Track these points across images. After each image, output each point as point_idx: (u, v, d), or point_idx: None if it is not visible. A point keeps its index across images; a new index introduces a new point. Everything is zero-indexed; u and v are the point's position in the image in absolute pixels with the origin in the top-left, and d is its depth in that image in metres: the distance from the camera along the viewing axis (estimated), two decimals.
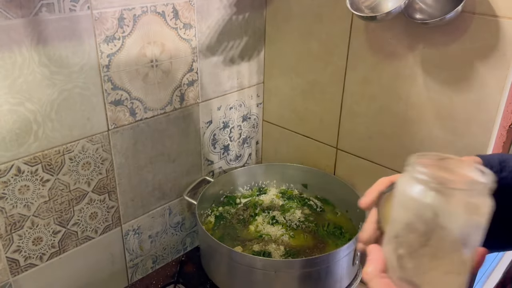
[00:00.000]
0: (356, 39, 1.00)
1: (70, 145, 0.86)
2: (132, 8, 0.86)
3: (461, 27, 0.82)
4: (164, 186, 1.08)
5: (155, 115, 0.98)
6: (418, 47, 0.90)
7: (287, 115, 1.24)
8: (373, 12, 0.83)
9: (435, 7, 0.83)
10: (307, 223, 1.10)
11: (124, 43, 0.87)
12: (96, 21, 0.82)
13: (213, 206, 1.16)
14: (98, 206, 0.95)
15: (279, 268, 0.90)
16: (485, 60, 0.82)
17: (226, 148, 1.22)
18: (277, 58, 1.18)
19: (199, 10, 0.98)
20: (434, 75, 0.90)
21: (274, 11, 1.14)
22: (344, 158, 1.13)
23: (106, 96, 0.88)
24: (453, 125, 0.90)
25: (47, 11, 0.75)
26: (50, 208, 0.87)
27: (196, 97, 1.06)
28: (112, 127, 0.91)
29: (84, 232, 0.95)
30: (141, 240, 1.08)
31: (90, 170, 0.91)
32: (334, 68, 1.06)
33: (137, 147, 0.97)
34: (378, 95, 1.00)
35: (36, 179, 0.83)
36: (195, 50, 1.01)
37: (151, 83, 0.95)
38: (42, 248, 0.88)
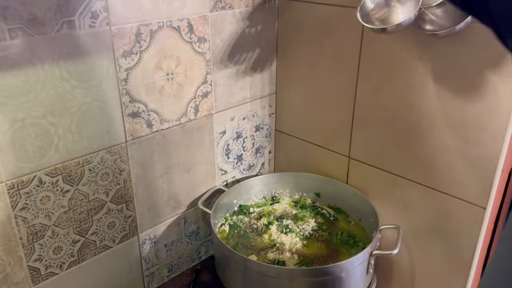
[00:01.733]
0: (367, 50, 1.01)
1: (90, 157, 0.88)
2: (149, 24, 0.89)
3: (471, 37, 0.84)
4: (179, 196, 1.10)
5: (171, 126, 1.01)
6: (428, 58, 0.91)
7: (299, 124, 1.25)
8: (384, 24, 0.85)
9: (445, 18, 0.84)
10: (320, 231, 1.11)
11: (141, 58, 0.90)
12: (115, 37, 0.85)
13: (227, 215, 1.17)
14: (116, 216, 0.97)
15: (294, 276, 0.91)
16: (495, 69, 0.83)
17: (240, 157, 1.23)
18: (289, 69, 1.20)
19: (213, 24, 1.00)
20: (445, 84, 0.91)
21: (285, 23, 1.16)
22: (356, 167, 1.14)
23: (124, 108, 0.90)
24: (465, 134, 0.90)
25: (68, 28, 0.78)
26: (69, 218, 0.89)
27: (210, 108, 1.08)
28: (129, 139, 0.94)
29: (102, 241, 0.97)
30: (157, 249, 1.10)
31: (108, 181, 0.93)
32: (345, 79, 1.08)
33: (153, 157, 1.00)
34: (390, 105, 1.01)
35: (56, 189, 0.85)
36: (209, 63, 1.03)
37: (167, 95, 0.97)
38: (62, 257, 0.91)
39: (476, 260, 0.97)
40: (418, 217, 1.04)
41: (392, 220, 1.07)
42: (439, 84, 0.91)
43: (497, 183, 0.90)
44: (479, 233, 0.94)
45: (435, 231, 1.02)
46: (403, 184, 1.04)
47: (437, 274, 1.05)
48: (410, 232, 1.06)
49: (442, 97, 0.92)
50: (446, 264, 1.02)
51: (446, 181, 0.96)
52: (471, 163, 0.91)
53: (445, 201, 0.97)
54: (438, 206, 0.99)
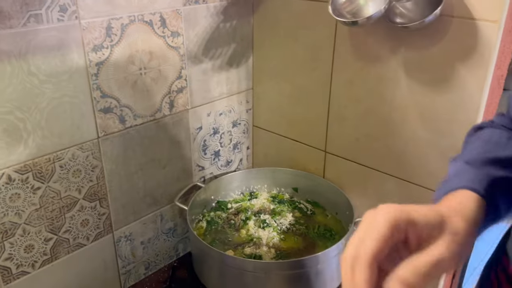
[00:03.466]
0: (341, 44, 1.02)
1: (60, 153, 0.87)
2: (120, 18, 0.88)
3: (440, 30, 0.85)
4: (155, 193, 1.09)
5: (145, 122, 1.00)
6: (400, 51, 0.92)
7: (276, 120, 1.25)
8: (355, 17, 0.86)
9: (415, 11, 0.85)
10: (297, 225, 1.12)
11: (112, 52, 0.89)
12: (84, 31, 0.84)
13: (204, 211, 1.17)
14: (89, 213, 0.96)
15: (270, 270, 0.91)
16: (464, 62, 0.84)
17: (217, 153, 1.23)
18: (265, 64, 1.20)
19: (186, 18, 1.00)
20: (416, 77, 0.92)
21: (261, 18, 1.16)
22: (332, 161, 1.14)
23: (95, 104, 0.89)
24: (436, 125, 0.92)
25: (35, 21, 0.77)
26: (41, 215, 0.88)
27: (186, 103, 1.08)
28: (101, 135, 0.92)
29: (76, 239, 0.95)
30: (133, 246, 1.08)
31: (80, 178, 0.92)
32: (320, 73, 1.08)
33: (127, 154, 0.99)
34: (364, 98, 1.02)
35: (27, 187, 0.84)
36: (183, 58, 1.03)
37: (140, 90, 0.96)
38: (34, 256, 0.89)
39: None
40: None
41: None
42: (411, 76, 0.92)
43: None
44: None
45: None
46: (377, 177, 1.05)
47: None
48: None
49: (414, 89, 0.93)
50: None
51: (419, 173, 0.97)
52: (443, 154, 0.93)
53: (419, 193, 0.99)
54: (412, 197, 1.00)
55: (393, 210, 0.40)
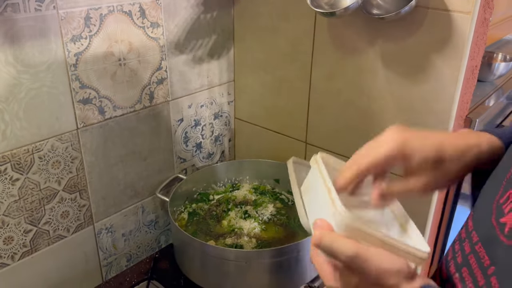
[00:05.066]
0: (320, 35, 1.03)
1: (39, 144, 0.86)
2: (99, 8, 0.88)
3: (416, 21, 0.86)
4: (136, 185, 1.09)
5: (125, 113, 1.00)
6: (377, 42, 0.94)
7: (258, 112, 1.26)
8: (332, 8, 0.87)
9: (391, 2, 0.86)
10: (278, 216, 1.13)
11: (91, 42, 0.88)
12: (62, 21, 0.83)
13: (186, 203, 1.17)
14: (69, 205, 0.96)
15: (250, 258, 0.93)
16: (439, 52, 0.86)
17: (199, 145, 1.23)
18: (246, 56, 1.21)
19: (166, 9, 1.00)
20: (393, 68, 0.93)
21: (241, 9, 1.16)
22: (313, 151, 1.15)
23: (74, 94, 0.89)
24: (413, 116, 0.93)
25: (12, 11, 0.76)
26: (20, 207, 0.87)
27: (166, 95, 1.08)
28: (81, 126, 0.92)
29: (56, 231, 0.95)
30: (115, 238, 1.08)
31: (60, 169, 0.91)
32: (300, 64, 1.09)
33: (107, 145, 0.98)
34: (343, 90, 1.04)
35: (5, 178, 0.83)
36: (163, 49, 1.03)
37: (120, 81, 0.96)
38: (14, 248, 0.89)
39: (427, 239, 1.01)
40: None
41: None
42: (388, 68, 0.94)
43: None
44: (428, 213, 0.98)
45: None
46: None
47: None
48: None
49: (391, 80, 0.94)
50: None
51: None
52: None
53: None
54: None
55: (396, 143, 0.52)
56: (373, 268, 0.46)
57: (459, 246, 0.50)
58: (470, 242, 0.48)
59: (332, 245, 0.47)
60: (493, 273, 0.43)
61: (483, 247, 0.46)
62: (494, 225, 0.45)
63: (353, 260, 0.46)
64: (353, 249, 0.46)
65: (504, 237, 0.43)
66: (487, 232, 0.46)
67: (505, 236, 0.43)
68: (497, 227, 0.44)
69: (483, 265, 0.45)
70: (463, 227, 0.52)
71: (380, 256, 0.47)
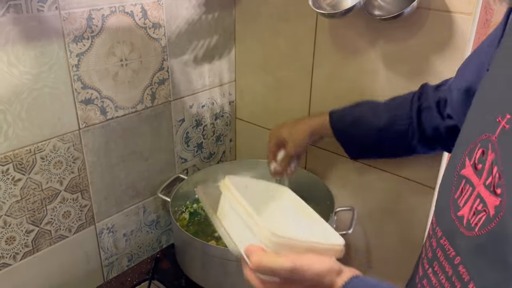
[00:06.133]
0: (321, 36, 1.03)
1: (41, 144, 0.87)
2: (101, 9, 0.88)
3: (417, 22, 0.87)
4: (138, 185, 1.09)
5: (127, 113, 1.00)
6: (379, 43, 0.94)
7: (259, 112, 1.26)
8: (334, 9, 0.87)
9: (393, 3, 0.86)
10: None
11: (93, 43, 0.89)
12: (65, 21, 0.83)
13: (187, 203, 1.17)
14: (71, 205, 0.96)
15: None
16: (440, 54, 0.86)
17: (200, 146, 1.23)
18: (248, 56, 1.21)
19: (167, 9, 1.00)
20: (395, 69, 0.94)
21: (242, 10, 1.16)
22: (313, 152, 1.16)
23: (76, 95, 0.89)
24: None
25: (14, 11, 0.76)
26: (22, 207, 0.87)
27: (168, 95, 1.08)
28: (83, 126, 0.92)
29: (58, 231, 0.95)
30: (116, 238, 1.09)
31: (62, 169, 0.92)
32: (301, 65, 1.10)
33: (109, 145, 0.99)
34: (344, 91, 1.04)
35: (7, 178, 0.83)
36: (165, 49, 1.03)
37: (121, 82, 0.96)
38: (16, 248, 0.89)
39: None
40: (372, 199, 1.07)
41: (348, 203, 1.10)
42: (389, 68, 0.94)
43: (444, 164, 0.94)
44: (429, 212, 0.98)
45: (388, 212, 1.05)
46: (357, 167, 1.07)
47: (391, 253, 1.08)
48: (365, 214, 1.09)
49: (392, 81, 0.94)
50: (399, 243, 1.06)
51: (397, 163, 0.99)
52: None
53: (397, 183, 1.01)
54: (390, 187, 1.02)
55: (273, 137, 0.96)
56: (309, 273, 0.53)
57: (428, 243, 0.55)
58: (436, 237, 0.52)
59: (270, 265, 0.53)
60: (460, 263, 0.47)
61: (447, 240, 0.50)
62: (453, 219, 0.49)
63: (292, 272, 0.53)
64: (289, 263, 0.53)
65: (463, 228, 0.47)
66: (448, 226, 0.50)
67: (464, 227, 0.47)
68: (456, 220, 0.49)
69: (449, 257, 0.49)
70: (430, 224, 0.56)
71: (312, 261, 0.54)
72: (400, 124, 0.81)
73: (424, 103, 0.80)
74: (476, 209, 0.46)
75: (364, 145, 0.89)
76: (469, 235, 0.46)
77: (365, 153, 0.93)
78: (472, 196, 0.47)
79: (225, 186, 0.67)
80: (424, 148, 0.83)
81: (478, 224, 0.45)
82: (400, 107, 0.83)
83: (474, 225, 0.45)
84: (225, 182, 0.67)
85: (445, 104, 0.77)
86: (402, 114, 0.81)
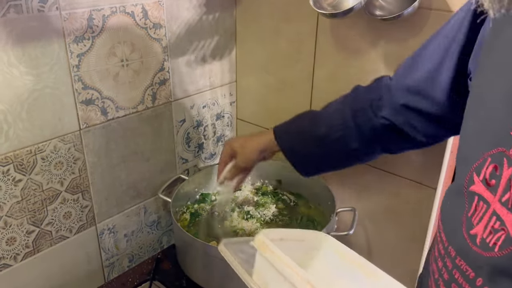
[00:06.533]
0: (322, 37, 1.03)
1: (42, 145, 0.87)
2: (101, 9, 0.88)
3: (419, 22, 0.86)
4: (139, 185, 1.09)
5: (127, 114, 1.00)
6: (380, 43, 0.94)
7: (260, 112, 1.26)
8: (335, 9, 0.87)
9: (394, 4, 0.86)
10: (281, 217, 1.13)
11: (94, 43, 0.88)
12: (65, 22, 0.83)
13: (188, 203, 1.17)
14: (71, 206, 0.96)
15: None
16: None
17: (201, 146, 1.23)
18: (249, 56, 1.21)
19: (168, 10, 1.00)
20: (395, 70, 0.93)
21: (243, 10, 1.16)
22: None
23: (76, 95, 0.89)
24: None
25: (15, 11, 0.76)
26: (23, 208, 0.87)
27: (169, 96, 1.08)
28: (83, 127, 0.92)
29: (59, 231, 0.95)
30: (117, 239, 1.08)
31: (62, 170, 0.91)
32: (302, 66, 1.09)
33: (109, 146, 0.98)
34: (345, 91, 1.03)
35: (8, 179, 0.83)
36: (165, 50, 1.03)
37: (122, 82, 0.96)
38: (16, 248, 0.89)
39: (429, 239, 1.01)
40: (373, 200, 1.07)
41: (349, 203, 1.10)
42: (391, 69, 0.94)
43: (446, 164, 0.93)
44: (431, 213, 0.98)
45: (389, 212, 1.05)
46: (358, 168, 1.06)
47: (393, 254, 1.08)
48: (367, 214, 1.09)
49: None
50: (400, 243, 1.06)
51: (398, 163, 0.99)
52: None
53: (398, 183, 1.01)
54: (392, 188, 1.02)
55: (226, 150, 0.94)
56: None
57: (442, 263, 0.51)
58: (449, 257, 0.49)
59: None
60: (483, 285, 0.44)
61: (463, 260, 0.47)
62: (465, 237, 0.46)
63: None
64: None
65: (477, 247, 0.45)
66: (461, 246, 0.47)
67: (478, 247, 0.44)
68: (468, 239, 0.46)
69: (468, 278, 0.46)
70: (439, 242, 0.53)
71: None
72: (337, 129, 0.80)
73: (357, 106, 0.79)
74: (492, 227, 0.43)
75: (311, 158, 0.86)
76: (488, 256, 0.43)
77: (314, 168, 0.89)
78: (487, 214, 0.44)
79: (261, 244, 0.55)
80: (365, 150, 0.81)
81: (497, 244, 0.42)
82: (335, 112, 0.83)
83: (493, 245, 0.43)
84: (261, 240, 0.56)
85: (379, 105, 0.77)
86: (338, 119, 0.81)
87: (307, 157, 0.86)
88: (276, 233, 0.59)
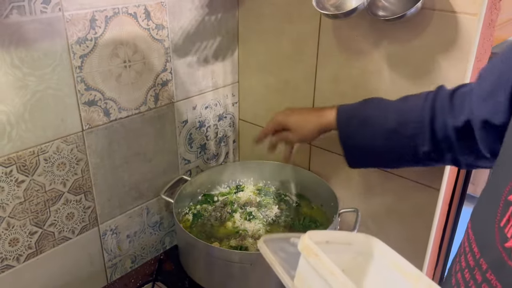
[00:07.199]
0: (325, 37, 1.03)
1: (45, 146, 0.87)
2: (104, 10, 0.88)
3: (422, 23, 0.86)
4: (141, 186, 1.09)
5: (130, 115, 1.00)
6: (383, 44, 0.93)
7: (262, 113, 1.26)
8: (338, 10, 0.87)
9: (397, 4, 0.86)
10: (283, 217, 1.13)
11: (96, 44, 0.88)
12: (68, 23, 0.83)
13: (190, 204, 1.17)
14: (74, 207, 0.96)
15: (255, 260, 0.92)
16: (445, 54, 0.86)
17: (203, 147, 1.23)
18: (251, 57, 1.21)
19: (171, 11, 1.00)
20: (399, 70, 0.93)
21: (246, 11, 1.16)
22: (317, 153, 1.16)
23: (79, 96, 0.89)
24: None
25: (18, 13, 0.76)
26: (26, 209, 0.87)
27: (171, 96, 1.08)
28: (86, 128, 0.92)
29: (61, 232, 0.95)
30: (119, 240, 1.08)
31: (65, 171, 0.91)
32: (305, 67, 1.09)
33: (112, 147, 0.98)
34: (348, 92, 1.03)
35: (10, 180, 0.83)
36: (168, 50, 1.03)
37: (125, 83, 0.96)
38: (19, 249, 0.89)
39: (432, 240, 1.01)
40: (376, 201, 1.07)
41: (352, 204, 1.09)
42: (393, 70, 0.94)
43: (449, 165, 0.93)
44: (434, 214, 0.98)
45: (392, 213, 1.05)
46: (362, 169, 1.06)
47: None
48: (370, 215, 1.09)
49: (396, 82, 0.94)
50: (403, 244, 1.05)
51: None
52: None
53: (401, 184, 1.00)
54: (394, 189, 1.02)
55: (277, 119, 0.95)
56: None
57: (469, 275, 0.49)
58: (480, 270, 0.47)
59: None
60: None
61: (494, 274, 0.45)
62: (500, 250, 0.44)
63: None
64: None
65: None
66: (495, 259, 0.45)
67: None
68: (503, 252, 0.44)
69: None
70: (468, 253, 0.50)
71: None
72: (411, 126, 0.75)
73: (439, 106, 0.74)
74: None
75: (369, 149, 0.81)
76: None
77: (366, 160, 0.85)
78: None
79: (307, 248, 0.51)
80: (432, 155, 0.75)
81: None
82: (412, 108, 0.77)
83: None
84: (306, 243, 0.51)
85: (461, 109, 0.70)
86: (416, 116, 0.75)
87: (365, 149, 0.81)
88: (321, 235, 0.55)
